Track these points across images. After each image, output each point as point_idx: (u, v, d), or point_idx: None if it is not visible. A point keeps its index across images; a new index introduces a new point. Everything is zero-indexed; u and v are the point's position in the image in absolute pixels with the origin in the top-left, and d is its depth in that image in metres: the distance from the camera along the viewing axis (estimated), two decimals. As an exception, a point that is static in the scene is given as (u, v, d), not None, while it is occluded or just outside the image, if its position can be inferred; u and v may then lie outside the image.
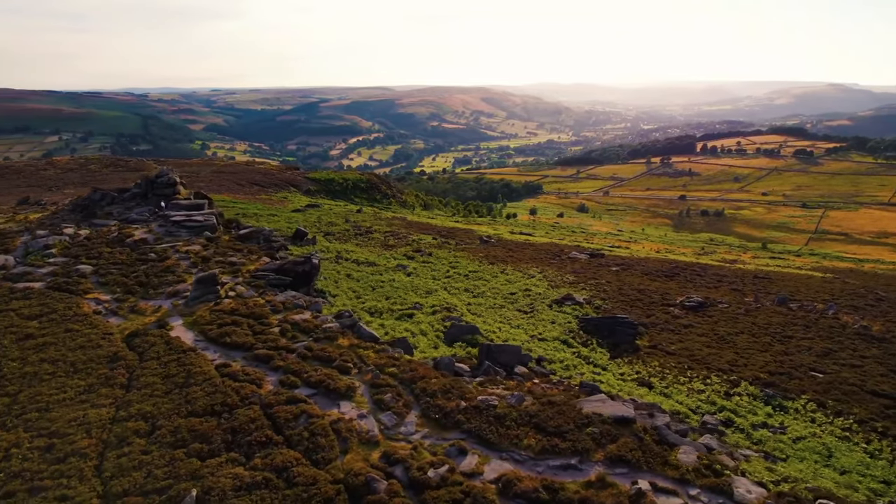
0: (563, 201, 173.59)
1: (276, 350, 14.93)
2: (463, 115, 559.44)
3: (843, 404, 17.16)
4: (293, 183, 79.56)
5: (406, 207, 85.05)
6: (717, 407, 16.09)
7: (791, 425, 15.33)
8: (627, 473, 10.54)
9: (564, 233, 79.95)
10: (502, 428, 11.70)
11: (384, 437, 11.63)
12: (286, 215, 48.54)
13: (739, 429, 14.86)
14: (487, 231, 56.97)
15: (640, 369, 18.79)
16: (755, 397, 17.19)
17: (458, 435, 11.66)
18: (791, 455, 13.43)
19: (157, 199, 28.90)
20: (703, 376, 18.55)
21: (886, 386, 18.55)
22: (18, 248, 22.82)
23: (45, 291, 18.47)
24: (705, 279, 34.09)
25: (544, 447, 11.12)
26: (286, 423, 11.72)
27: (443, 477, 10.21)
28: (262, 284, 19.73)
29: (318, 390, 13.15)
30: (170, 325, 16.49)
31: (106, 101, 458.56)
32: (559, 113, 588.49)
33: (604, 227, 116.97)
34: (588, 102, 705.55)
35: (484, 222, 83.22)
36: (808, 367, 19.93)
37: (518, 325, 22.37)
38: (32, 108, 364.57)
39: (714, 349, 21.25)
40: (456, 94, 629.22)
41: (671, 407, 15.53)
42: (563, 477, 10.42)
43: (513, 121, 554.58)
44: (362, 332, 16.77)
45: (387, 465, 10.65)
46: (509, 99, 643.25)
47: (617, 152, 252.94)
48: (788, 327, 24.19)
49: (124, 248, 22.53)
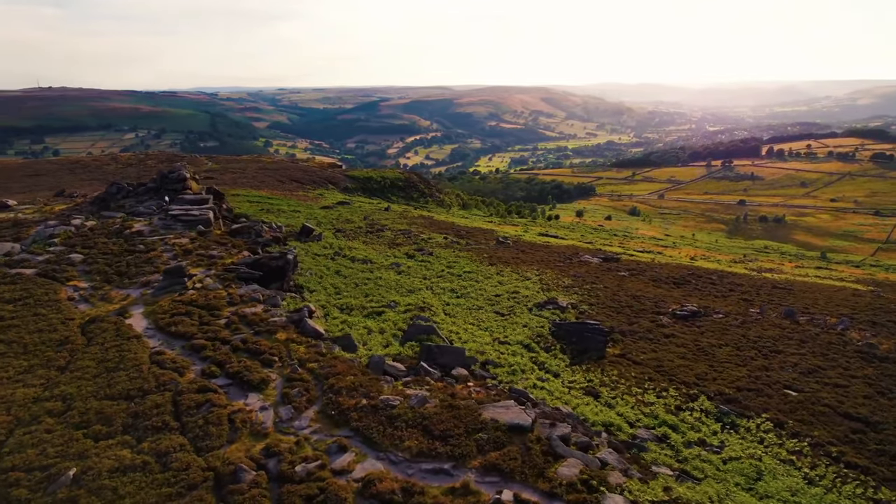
0: (614, 204, 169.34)
1: (213, 340, 15.52)
2: (521, 115, 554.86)
3: (806, 425, 16.08)
4: (332, 180, 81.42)
5: (443, 206, 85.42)
6: (659, 421, 15.43)
7: (731, 445, 14.51)
8: (497, 482, 10.36)
9: (601, 236, 78.18)
10: (390, 428, 11.73)
11: (275, 429, 11.91)
12: (312, 211, 49.75)
13: (671, 445, 14.20)
14: (514, 232, 56.54)
15: (594, 378, 18.23)
16: (708, 413, 16.36)
17: (346, 432, 11.79)
18: (712, 476, 12.73)
19: (167, 194, 30.43)
20: (660, 388, 17.80)
21: (865, 409, 17.23)
22: (29, 237, 24.62)
23: (33, 277, 19.88)
24: (717, 287, 32.55)
25: (423, 450, 11.08)
26: (187, 410, 12.20)
27: (309, 472, 10.39)
28: (231, 278, 20.48)
29: (234, 381, 13.61)
30: (129, 313, 17.41)
31: (179, 100, 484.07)
32: (620, 114, 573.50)
33: (651, 231, 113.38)
34: (651, 103, 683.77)
35: (521, 223, 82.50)
36: (784, 385, 18.75)
37: (487, 327, 22.16)
38: (114, 106, 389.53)
39: (687, 361, 20.33)
40: (515, 94, 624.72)
41: (605, 419, 15.03)
42: (429, 481, 10.36)
43: (572, 121, 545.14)
44: (306, 328, 17.14)
45: (264, 457, 10.93)
46: (569, 99, 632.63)
47: (676, 154, 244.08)
48: (782, 341, 22.79)
49: (119, 240, 23.91)
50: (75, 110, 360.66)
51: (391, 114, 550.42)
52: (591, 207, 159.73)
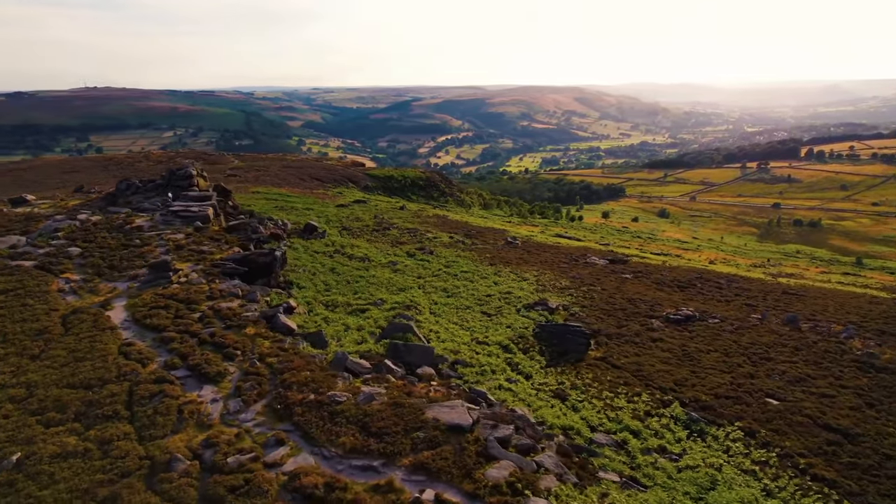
0: (644, 205, 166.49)
1: (183, 333, 15.92)
2: (554, 115, 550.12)
3: (779, 435, 15.57)
4: (353, 179, 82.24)
5: (463, 206, 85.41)
6: (622, 426, 15.16)
7: (693, 453, 14.16)
8: (423, 482, 10.37)
9: (622, 237, 76.99)
10: (330, 424, 11.85)
11: (221, 421, 12.16)
12: (325, 209, 50.38)
13: (628, 451, 13.94)
14: (526, 232, 56.20)
15: (566, 380, 18.02)
16: (677, 420, 16.00)
17: (287, 427, 11.95)
18: (661, 484, 12.46)
19: (174, 190, 31.27)
20: (633, 393, 17.49)
21: (848, 420, 16.58)
22: (37, 231, 25.65)
23: (30, 269, 20.70)
24: (723, 292, 31.72)
25: (356, 447, 11.16)
26: (140, 400, 12.56)
27: (241, 464, 10.58)
28: (217, 273, 20.95)
29: (193, 373, 13.95)
30: (111, 306, 17.99)
31: (216, 100, 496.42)
32: (655, 114, 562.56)
33: (677, 233, 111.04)
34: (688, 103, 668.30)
35: (541, 223, 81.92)
36: (767, 393, 18.19)
37: (470, 327, 22.13)
38: (154, 105, 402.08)
39: (669, 366, 19.89)
40: (548, 94, 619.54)
41: (566, 422, 14.85)
42: (355, 477, 10.44)
43: (605, 121, 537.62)
44: (277, 324, 17.42)
45: (202, 447, 11.17)
46: (603, 99, 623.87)
47: (711, 156, 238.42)
48: (775, 348, 22.09)
49: (118, 234, 24.70)
50: (118, 109, 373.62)
51: (423, 113, 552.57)
52: (619, 209, 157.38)
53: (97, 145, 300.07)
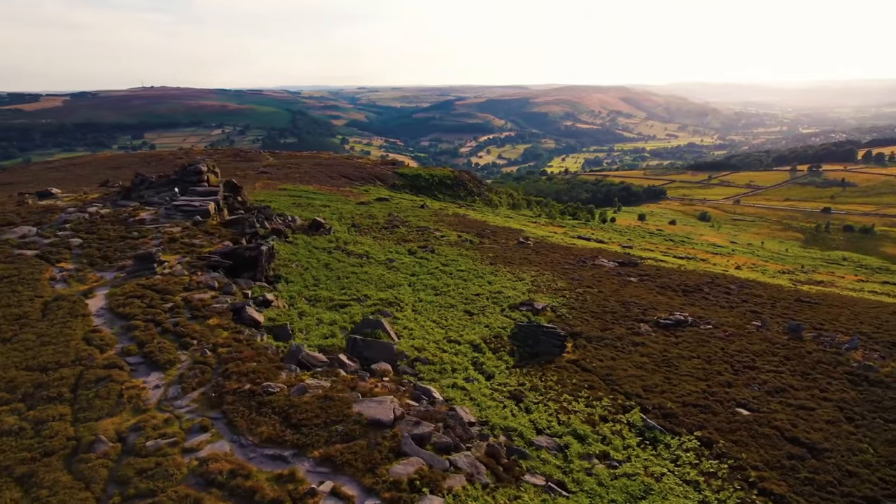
0: (684, 208, 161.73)
1: (149, 322, 16.56)
2: (599, 116, 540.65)
3: (738, 447, 14.97)
4: (381, 177, 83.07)
5: (490, 206, 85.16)
6: (569, 430, 14.88)
7: (636, 461, 13.78)
8: (326, 474, 10.51)
9: (651, 240, 75.19)
10: (255, 414, 12.13)
11: (156, 406, 12.62)
12: (343, 206, 51.16)
13: (566, 456, 13.69)
14: (543, 233, 55.65)
15: (527, 381, 17.80)
16: (632, 426, 15.60)
17: (216, 414, 12.30)
18: (589, 490, 12.19)
19: (184, 186, 32.45)
20: (595, 397, 17.13)
21: (819, 434, 15.79)
22: (49, 222, 27.08)
23: (30, 258, 21.90)
24: (730, 298, 30.58)
25: (272, 436, 11.40)
26: (86, 383, 13.17)
27: (158, 448, 10.98)
28: (201, 265, 21.64)
29: (146, 360, 14.52)
30: (94, 294, 18.86)
31: (264, 98, 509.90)
32: (705, 115, 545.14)
33: (715, 237, 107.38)
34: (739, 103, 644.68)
35: (568, 224, 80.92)
36: (738, 403, 17.50)
37: (447, 325, 22.11)
38: (205, 104, 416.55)
39: (643, 371, 19.37)
40: (593, 94, 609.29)
41: (512, 423, 14.68)
42: (263, 465, 10.67)
43: (652, 122, 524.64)
44: (243, 316, 17.89)
45: (129, 431, 11.64)
46: (650, 99, 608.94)
47: (760, 158, 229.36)
48: (763, 357, 21.19)
49: (120, 227, 25.82)
50: (171, 108, 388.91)
51: (465, 112, 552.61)
52: (658, 211, 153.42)
53: (151, 142, 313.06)
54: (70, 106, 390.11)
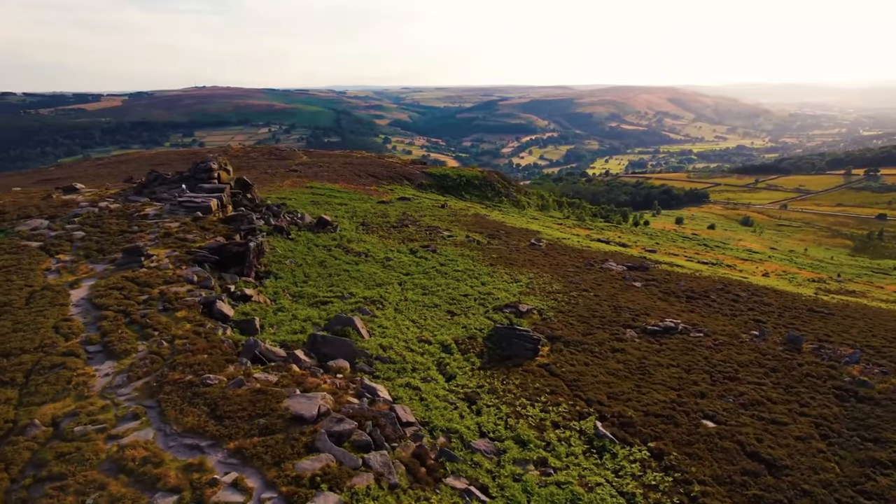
0: (727, 212, 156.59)
1: (119, 313, 17.26)
2: (645, 117, 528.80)
3: (691, 460, 14.44)
4: (408, 177, 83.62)
5: (517, 207, 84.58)
6: (513, 434, 14.66)
7: (574, 469, 13.47)
8: (235, 465, 10.74)
9: (680, 245, 73.07)
10: (185, 404, 12.48)
11: (99, 394, 13.14)
12: (361, 205, 51.78)
13: (499, 461, 13.49)
14: (559, 234, 54.91)
15: (488, 384, 17.63)
16: (583, 434, 15.25)
17: (151, 403, 12.72)
18: (511, 496, 11.98)
19: (196, 182, 33.55)
20: (553, 403, 16.83)
21: (783, 451, 15.05)
22: (63, 216, 28.48)
23: (33, 249, 23.09)
24: (735, 306, 29.42)
25: (195, 426, 11.72)
26: (40, 370, 13.85)
27: (85, 434, 11.46)
28: (188, 260, 22.35)
29: (104, 349, 15.14)
30: (80, 285, 19.76)
31: (310, 98, 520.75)
32: (756, 116, 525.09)
33: (754, 243, 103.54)
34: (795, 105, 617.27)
35: (595, 227, 79.59)
36: (706, 414, 16.87)
37: (424, 325, 22.11)
38: (252, 103, 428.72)
39: (614, 378, 18.89)
40: (640, 94, 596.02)
41: (455, 425, 14.58)
42: (178, 454, 10.99)
43: (700, 123, 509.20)
44: (213, 310, 18.40)
45: (66, 416, 12.18)
46: (699, 100, 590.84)
47: (812, 161, 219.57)
48: (748, 368, 20.32)
49: (123, 221, 26.92)
50: (220, 107, 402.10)
51: (508, 113, 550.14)
52: (699, 215, 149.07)
53: (200, 140, 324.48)
54: (128, 105, 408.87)
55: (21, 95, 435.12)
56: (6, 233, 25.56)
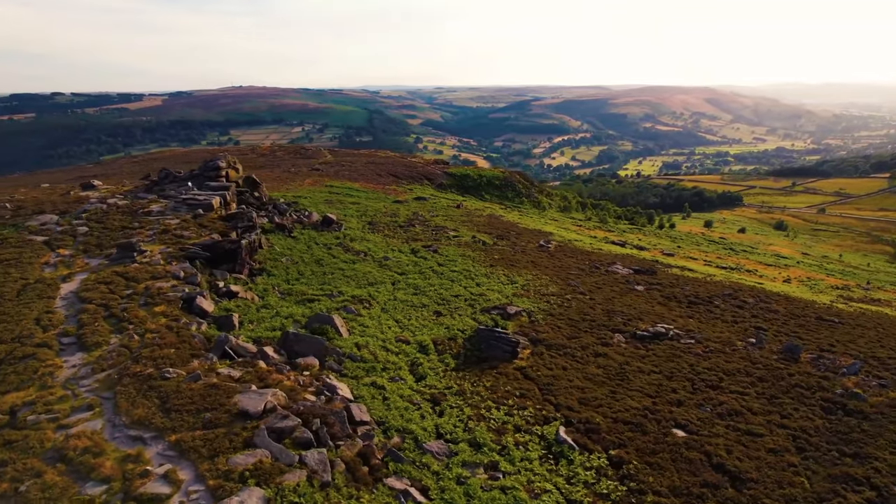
0: (760, 216, 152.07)
1: (100, 306, 17.83)
2: (681, 117, 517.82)
3: (652, 470, 14.09)
4: (429, 176, 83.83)
5: (538, 208, 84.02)
6: (470, 437, 14.55)
7: (524, 475, 13.29)
8: (171, 457, 10.99)
9: (703, 248, 71.35)
10: (139, 396, 12.82)
11: (62, 384, 13.59)
12: (374, 204, 52.12)
13: (448, 463, 13.40)
14: (578, 236, 54.27)
15: (457, 385, 17.55)
16: (543, 439, 15.04)
17: (109, 395, 13.11)
18: (450, 499, 11.88)
19: (204, 181, 34.37)
20: (520, 406, 16.65)
21: (752, 464, 14.55)
22: (73, 211, 29.53)
23: (38, 243, 24.04)
24: (739, 312, 28.56)
25: (142, 418, 12.04)
26: (11, 360, 14.48)
27: (37, 423, 11.93)
28: (180, 256, 22.92)
29: (78, 341, 15.65)
30: (72, 279, 20.47)
31: (343, 98, 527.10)
32: (797, 117, 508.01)
33: (785, 248, 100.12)
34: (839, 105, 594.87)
35: (616, 229, 78.35)
36: (678, 423, 16.43)
37: (407, 325, 22.15)
38: (287, 103, 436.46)
39: (590, 384, 18.58)
40: (676, 94, 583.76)
41: (411, 426, 14.55)
42: (121, 445, 11.32)
43: (738, 125, 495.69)
44: (192, 305, 18.81)
45: (24, 405, 12.67)
46: (737, 100, 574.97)
47: (855, 164, 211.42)
48: (734, 377, 19.70)
49: (127, 218, 27.76)
50: (256, 106, 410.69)
51: (541, 113, 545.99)
52: (730, 218, 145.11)
53: (236, 138, 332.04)
54: (168, 104, 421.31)
55: (69, 95, 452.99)
56: (17, 227, 26.65)
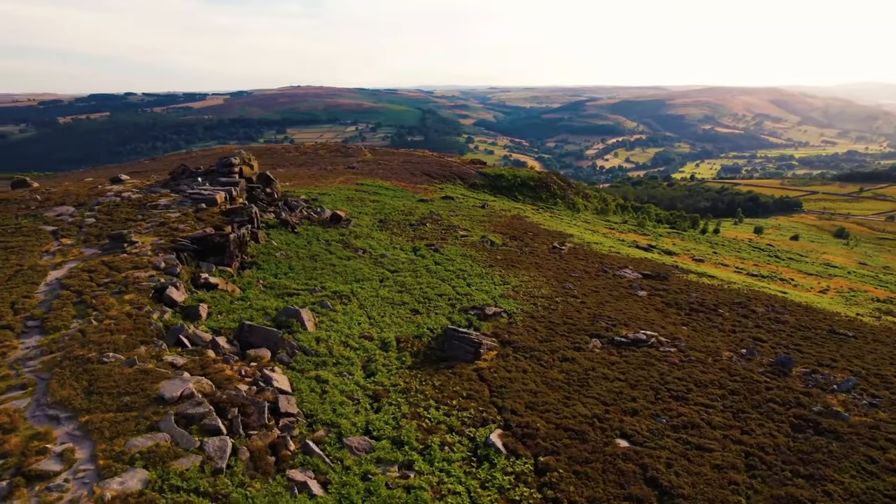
0: (820, 222, 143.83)
1: (75, 293, 18.82)
2: (743, 119, 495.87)
3: (578, 479, 13.62)
4: (462, 176, 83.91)
5: (572, 209, 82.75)
6: (396, 435, 14.46)
7: (437, 475, 13.12)
8: (76, 437, 11.55)
9: (741, 255, 68.11)
10: (71, 379, 13.48)
11: (8, 365, 14.43)
12: (398, 203, 52.66)
13: (360, 459, 13.40)
14: (592, 238, 53.04)
15: (404, 383, 17.47)
16: (472, 440, 14.81)
17: (46, 376, 13.83)
18: (345, 494, 11.82)
19: (213, 177, 35.67)
20: (462, 407, 16.43)
21: (689, 479, 13.83)
22: (89, 203, 31.27)
23: (46, 233, 25.62)
24: (741, 322, 27.19)
25: (64, 399, 12.68)
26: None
27: (-28, 399, 12.67)
28: (168, 248, 23.88)
29: (41, 325, 16.58)
30: (62, 267, 21.69)
31: (397, 97, 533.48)
32: (874, 119, 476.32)
33: (840, 257, 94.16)
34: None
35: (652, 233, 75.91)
36: (624, 434, 15.81)
37: (378, 322, 22.27)
38: (342, 102, 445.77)
39: (546, 388, 18.12)
40: (738, 95, 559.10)
41: (340, 420, 14.64)
42: (37, 423, 11.99)
43: (805, 127, 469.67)
44: (163, 295, 19.57)
45: (-31, 381, 13.50)
46: (806, 101, 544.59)
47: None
48: (704, 388, 18.76)
49: (133, 210, 29.16)
50: (312, 105, 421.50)
51: (596, 114, 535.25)
52: (786, 224, 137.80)
53: (291, 137, 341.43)
54: (228, 103, 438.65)
55: (141, 95, 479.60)
56: (36, 217, 28.46)
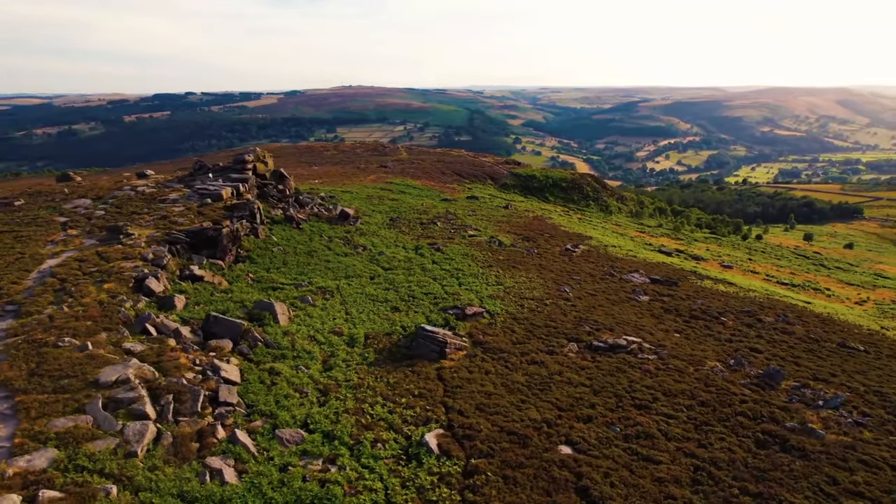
0: (882, 230, 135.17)
1: (60, 280, 19.81)
2: (805, 121, 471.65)
3: (505, 485, 13.32)
4: (493, 176, 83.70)
5: (605, 212, 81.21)
6: (331, 429, 14.52)
7: (360, 472, 13.11)
8: (6, 416, 12.14)
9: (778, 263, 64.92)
10: (21, 360, 14.21)
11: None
12: (419, 202, 53.05)
13: (288, 450, 13.56)
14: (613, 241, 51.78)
15: (357, 379, 17.53)
16: (408, 439, 14.73)
17: (3, 357, 14.60)
18: (257, 483, 12.02)
19: (226, 173, 36.82)
20: (408, 406, 16.35)
21: (622, 491, 13.31)
22: (105, 197, 32.85)
23: (57, 224, 27.10)
24: (743, 331, 25.95)
25: (7, 379, 13.35)
26: (-46, 320, 16.46)
27: (-71, 374, 13.57)
28: (162, 240, 24.83)
29: (18, 309, 17.54)
30: (59, 256, 22.88)
31: (446, 97, 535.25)
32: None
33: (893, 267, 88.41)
34: None
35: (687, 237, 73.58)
36: (569, 440, 15.35)
37: (354, 318, 22.46)
38: (391, 102, 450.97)
39: (504, 391, 17.82)
40: (801, 96, 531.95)
41: (281, 413, 14.85)
42: (-25, 401, 12.63)
43: (875, 129, 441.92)
44: (142, 285, 20.37)
45: (-65, 359, 14.45)
46: (877, 101, 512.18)
47: None
48: (673, 398, 17.99)
49: (143, 204, 30.45)
50: (362, 105, 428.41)
51: (648, 115, 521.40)
52: (842, 232, 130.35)
53: (341, 136, 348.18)
54: (282, 103, 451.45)
55: (200, 95, 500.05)
56: (54, 209, 30.14)
